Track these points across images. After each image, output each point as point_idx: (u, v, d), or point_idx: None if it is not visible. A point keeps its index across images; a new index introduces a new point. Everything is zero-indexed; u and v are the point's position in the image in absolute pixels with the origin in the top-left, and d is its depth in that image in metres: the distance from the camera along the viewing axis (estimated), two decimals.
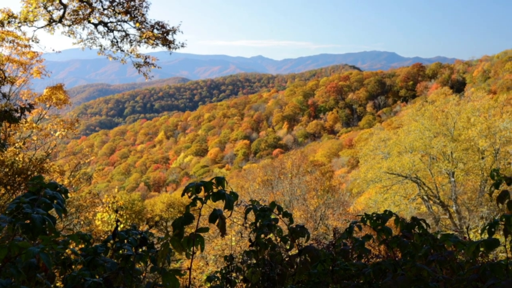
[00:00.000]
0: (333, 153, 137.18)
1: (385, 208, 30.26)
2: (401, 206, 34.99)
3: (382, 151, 38.44)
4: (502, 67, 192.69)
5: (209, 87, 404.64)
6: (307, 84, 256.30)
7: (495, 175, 3.71)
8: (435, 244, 3.61)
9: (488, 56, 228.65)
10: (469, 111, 37.04)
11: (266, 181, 37.01)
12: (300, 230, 3.91)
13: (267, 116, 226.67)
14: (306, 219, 29.07)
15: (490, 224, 3.37)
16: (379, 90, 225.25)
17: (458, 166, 34.16)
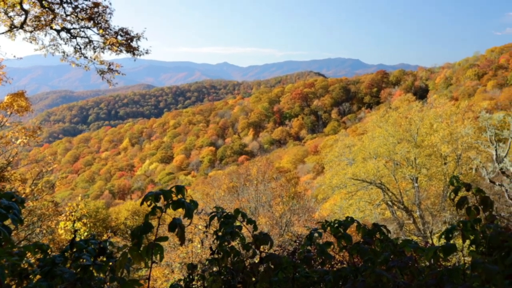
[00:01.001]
0: (298, 160, 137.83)
1: (351, 214, 30.61)
2: (366, 211, 35.23)
3: (347, 157, 38.71)
4: (463, 74, 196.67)
5: (175, 94, 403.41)
6: (273, 91, 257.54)
7: (455, 181, 3.75)
8: (395, 250, 3.63)
9: (450, 64, 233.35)
10: (431, 117, 37.57)
11: (232, 188, 36.92)
12: (264, 237, 3.88)
13: (232, 122, 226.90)
14: (272, 226, 29.07)
15: (447, 229, 3.40)
16: (344, 97, 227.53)
17: (422, 172, 34.60)
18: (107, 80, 18.33)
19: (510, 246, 2.88)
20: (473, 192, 3.64)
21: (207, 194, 36.94)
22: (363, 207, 35.37)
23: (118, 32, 17.06)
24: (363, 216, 35.24)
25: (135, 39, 17.28)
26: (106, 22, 16.87)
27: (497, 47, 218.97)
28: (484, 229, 3.31)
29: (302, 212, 32.46)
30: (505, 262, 2.82)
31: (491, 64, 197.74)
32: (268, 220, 29.58)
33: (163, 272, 24.65)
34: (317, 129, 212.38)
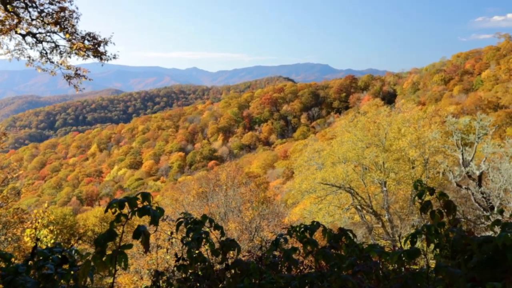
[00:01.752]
0: (268, 165, 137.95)
1: (320, 218, 30.65)
2: (335, 216, 35.34)
3: (317, 162, 38.80)
4: (430, 79, 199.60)
5: (143, 99, 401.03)
6: (242, 96, 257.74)
7: (419, 186, 3.79)
8: (361, 254, 3.65)
9: (417, 69, 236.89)
10: (399, 122, 37.93)
11: (201, 194, 36.80)
12: (230, 243, 3.87)
13: (202, 128, 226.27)
14: (241, 231, 29.02)
15: (412, 234, 3.44)
16: (313, 102, 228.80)
17: (390, 176, 34.87)
18: (74, 85, 18.10)
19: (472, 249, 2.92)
20: (436, 196, 3.68)
21: (176, 200, 36.75)
22: (332, 211, 35.48)
23: (85, 36, 16.87)
24: (333, 221, 35.36)
25: (102, 44, 17.11)
26: (72, 27, 16.67)
27: (462, 53, 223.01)
28: (448, 233, 3.35)
29: (271, 217, 32.48)
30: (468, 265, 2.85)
31: (457, 70, 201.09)
32: (238, 226, 29.53)
33: (132, 279, 24.44)
34: (286, 134, 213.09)
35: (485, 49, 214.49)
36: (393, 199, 35.23)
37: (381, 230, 34.85)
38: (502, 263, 2.85)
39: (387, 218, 34.24)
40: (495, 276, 2.82)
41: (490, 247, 2.89)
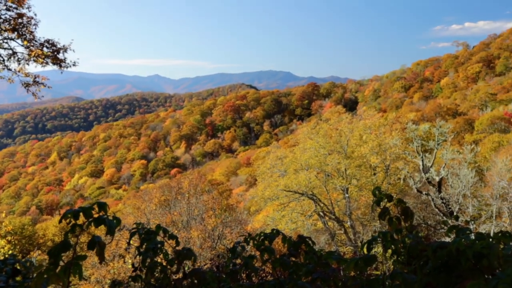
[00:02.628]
0: (231, 172, 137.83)
1: (283, 225, 30.71)
2: (298, 223, 35.43)
3: (279, 169, 38.88)
4: (391, 87, 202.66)
5: (105, 107, 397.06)
6: (205, 103, 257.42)
7: (377, 193, 3.82)
8: (320, 261, 3.66)
9: (378, 76, 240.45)
10: (361, 129, 38.29)
11: (164, 202, 36.51)
12: (186, 252, 3.84)
13: (164, 135, 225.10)
14: (204, 239, 28.91)
15: (368, 240, 3.46)
16: (276, 109, 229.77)
17: (352, 183, 35.13)
18: (33, 93, 17.81)
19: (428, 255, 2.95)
20: (394, 203, 3.72)
21: (138, 208, 36.40)
22: (295, 218, 35.56)
23: (43, 43, 16.63)
24: (296, 227, 35.46)
25: (61, 51, 16.88)
26: (31, 34, 16.42)
27: (422, 61, 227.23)
28: (405, 239, 3.38)
29: (234, 225, 32.44)
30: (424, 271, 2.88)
31: (417, 77, 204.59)
32: (201, 233, 29.39)
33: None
34: (249, 141, 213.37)
35: (444, 57, 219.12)
36: (355, 205, 35.52)
37: (343, 237, 35.07)
38: (457, 268, 2.90)
39: (349, 224, 34.48)
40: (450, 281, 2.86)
41: (445, 253, 2.93)
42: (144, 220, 33.05)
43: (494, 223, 27.24)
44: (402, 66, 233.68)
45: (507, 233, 3.28)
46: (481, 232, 3.19)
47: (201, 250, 28.01)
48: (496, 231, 26.06)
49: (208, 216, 33.40)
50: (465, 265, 2.85)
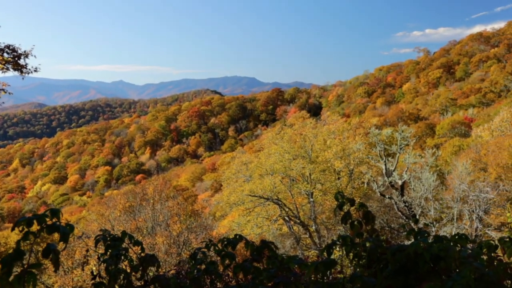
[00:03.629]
0: (196, 177, 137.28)
1: (249, 230, 30.68)
2: (263, 227, 35.48)
3: (244, 174, 38.89)
4: (354, 92, 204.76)
5: (68, 113, 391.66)
6: (170, 109, 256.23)
7: (339, 197, 3.87)
8: (282, 266, 3.69)
9: (342, 82, 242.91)
10: (325, 134, 38.58)
11: (128, 208, 36.21)
12: (150, 258, 3.83)
13: (129, 141, 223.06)
14: (169, 245, 28.74)
15: (328, 245, 3.51)
16: (241, 114, 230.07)
17: (317, 187, 35.33)
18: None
19: (387, 258, 3.01)
20: (356, 207, 3.77)
21: (102, 215, 35.99)
22: (261, 223, 35.59)
23: (4, 49, 16.38)
24: (261, 232, 35.49)
25: (23, 57, 16.64)
26: None
27: (384, 66, 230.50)
28: (365, 242, 3.43)
29: (200, 230, 32.34)
30: (384, 274, 2.94)
31: (379, 82, 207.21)
32: (166, 240, 29.21)
33: None
34: (214, 146, 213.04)
35: (406, 62, 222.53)
36: (320, 209, 35.72)
37: (308, 241, 35.20)
38: (415, 270, 2.95)
39: (314, 228, 34.63)
40: (409, 283, 2.91)
41: (403, 256, 2.99)
42: (108, 226, 32.70)
43: (455, 226, 27.71)
44: (365, 71, 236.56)
45: (463, 236, 3.36)
46: (439, 235, 3.27)
47: (166, 256, 27.84)
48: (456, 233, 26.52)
49: (173, 222, 33.24)
50: (423, 268, 2.91)
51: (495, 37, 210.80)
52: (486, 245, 3.50)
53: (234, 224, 37.08)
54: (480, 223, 26.92)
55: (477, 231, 26.69)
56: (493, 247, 3.52)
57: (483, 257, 3.27)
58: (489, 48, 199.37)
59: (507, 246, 3.64)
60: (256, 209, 35.68)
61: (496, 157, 35.45)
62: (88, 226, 35.77)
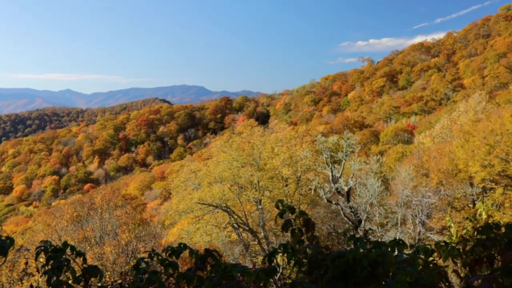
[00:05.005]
0: (145, 186, 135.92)
1: (198, 238, 30.51)
2: (213, 235, 35.40)
3: (193, 182, 38.73)
4: (301, 100, 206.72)
5: (14, 122, 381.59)
6: (118, 118, 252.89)
7: (280, 205, 3.89)
8: (225, 274, 3.68)
9: (289, 90, 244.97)
10: (273, 141, 38.79)
11: (76, 218, 35.49)
12: (93, 269, 3.76)
13: (77, 150, 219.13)
14: (118, 254, 28.30)
15: (270, 253, 3.52)
16: (190, 123, 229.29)
17: (265, 194, 35.47)
18: None
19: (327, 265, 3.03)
20: (296, 215, 3.79)
21: (49, 225, 35.14)
22: (210, 230, 35.50)
23: None
24: (210, 240, 35.39)
25: None
26: None
27: (330, 75, 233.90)
28: (306, 249, 3.45)
29: (148, 239, 31.95)
30: (324, 280, 2.96)
31: (325, 91, 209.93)
32: (114, 249, 28.75)
33: None
34: (163, 155, 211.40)
35: (351, 72, 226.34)
36: (268, 216, 35.82)
37: (257, 247, 35.26)
38: (354, 276, 2.99)
39: (263, 235, 34.72)
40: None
41: (343, 262, 3.02)
42: (55, 237, 32.01)
43: (399, 230, 28.20)
44: (312, 80, 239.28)
45: (400, 241, 3.42)
46: (378, 241, 3.32)
47: (115, 265, 27.40)
48: (401, 237, 27.00)
49: (122, 231, 32.77)
50: (361, 273, 2.95)
51: (435, 47, 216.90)
52: (423, 249, 3.59)
53: (183, 232, 36.86)
54: (422, 227, 27.48)
55: (420, 235, 27.24)
56: (429, 251, 3.61)
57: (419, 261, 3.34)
58: (429, 57, 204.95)
59: (442, 250, 3.74)
60: (205, 216, 35.58)
61: (437, 163, 36.28)
62: (34, 237, 34.87)
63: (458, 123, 50.13)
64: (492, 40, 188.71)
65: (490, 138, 31.56)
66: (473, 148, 32.18)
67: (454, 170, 34.63)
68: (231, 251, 35.96)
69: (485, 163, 30.99)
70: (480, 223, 7.77)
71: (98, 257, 27.74)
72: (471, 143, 32.75)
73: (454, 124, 51.91)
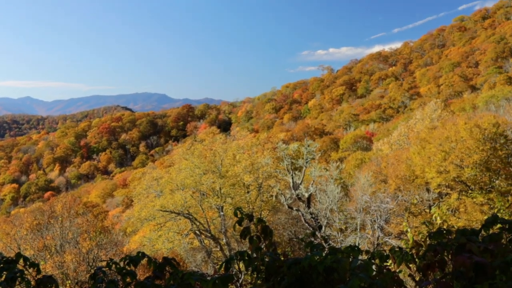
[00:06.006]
0: (107, 194, 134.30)
1: (160, 245, 30.25)
2: (175, 242, 35.19)
3: (155, 189, 38.45)
4: (262, 108, 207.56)
5: None
6: (79, 125, 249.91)
7: (238, 213, 3.90)
8: (183, 282, 3.66)
9: (250, 98, 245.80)
10: (234, 149, 38.80)
11: (36, 226, 34.79)
12: (47, 280, 3.69)
13: (37, 158, 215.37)
14: (79, 262, 27.88)
15: (226, 260, 3.52)
16: (152, 130, 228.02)
17: (227, 201, 35.40)
18: None
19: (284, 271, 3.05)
20: (254, 223, 3.80)
21: (8, 234, 34.33)
22: (172, 237, 35.27)
23: None
24: (172, 247, 35.17)
25: None
26: None
27: (291, 83, 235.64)
28: (263, 256, 3.47)
29: (110, 247, 31.56)
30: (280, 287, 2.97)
31: (286, 99, 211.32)
32: (75, 257, 28.31)
33: None
34: (125, 162, 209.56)
35: (311, 80, 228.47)
36: (230, 223, 35.76)
37: (219, 254, 35.17)
38: (309, 282, 3.02)
39: (225, 241, 34.65)
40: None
41: (299, 268, 3.04)
42: (14, 246, 31.35)
43: (358, 235, 28.44)
44: (273, 88, 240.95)
45: (356, 247, 3.46)
46: (334, 247, 3.36)
47: (75, 273, 26.99)
48: (360, 242, 27.30)
49: (83, 239, 32.27)
50: (317, 279, 2.98)
51: (392, 56, 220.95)
52: (378, 255, 3.64)
53: (145, 240, 36.53)
54: (381, 232, 27.76)
55: (379, 239, 27.52)
56: (384, 257, 3.66)
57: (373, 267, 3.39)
58: (387, 66, 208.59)
59: (396, 255, 3.80)
60: (168, 224, 35.35)
61: (395, 169, 36.75)
62: None
63: (414, 130, 50.91)
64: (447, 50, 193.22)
65: (445, 145, 32.14)
66: (429, 155, 32.71)
67: (411, 176, 35.13)
68: (193, 258, 35.78)
69: (440, 169, 31.53)
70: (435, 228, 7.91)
71: (58, 265, 27.28)
72: (427, 149, 33.29)
73: (411, 131, 52.70)
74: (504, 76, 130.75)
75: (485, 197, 30.47)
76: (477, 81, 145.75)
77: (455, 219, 29.93)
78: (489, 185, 31.45)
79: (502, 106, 56.29)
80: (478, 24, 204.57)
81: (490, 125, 31.57)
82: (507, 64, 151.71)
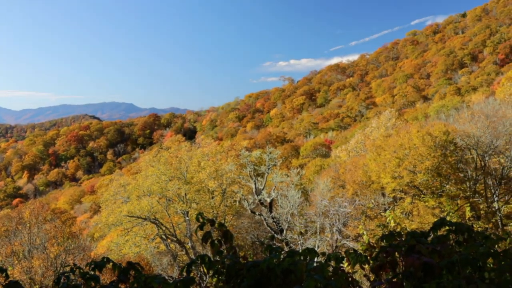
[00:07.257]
0: (75, 200, 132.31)
1: (127, 250, 29.90)
2: (141, 246, 34.92)
3: (122, 195, 38.11)
4: (226, 117, 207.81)
5: None
6: (48, 134, 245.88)
7: (200, 218, 3.89)
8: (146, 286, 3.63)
9: (215, 107, 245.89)
10: (199, 156, 38.71)
11: (3, 232, 34.05)
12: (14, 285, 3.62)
13: (5, 166, 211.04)
14: (47, 267, 27.36)
15: (187, 264, 3.51)
16: (119, 139, 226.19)
17: (192, 206, 35.27)
18: None
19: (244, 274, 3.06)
20: (216, 227, 3.80)
21: None
22: (139, 242, 35.00)
23: None
24: (139, 251, 34.88)
25: None
26: None
27: (254, 93, 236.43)
28: (224, 260, 3.47)
29: (78, 252, 31.06)
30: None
31: (249, 108, 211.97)
32: (43, 262, 27.78)
33: None
34: (93, 169, 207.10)
35: (273, 90, 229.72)
36: (195, 227, 35.49)
37: (185, 257, 34.98)
38: (268, 284, 3.03)
39: (190, 245, 34.51)
40: None
41: (258, 271, 3.05)
42: None
43: (318, 238, 28.59)
44: (236, 98, 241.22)
45: (312, 250, 3.49)
46: (292, 250, 3.38)
47: (43, 278, 26.47)
48: (319, 245, 27.44)
49: (51, 244, 31.68)
50: (275, 281, 2.99)
51: (350, 68, 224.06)
52: (334, 257, 3.68)
53: (113, 244, 36.15)
54: (340, 235, 27.98)
55: (337, 242, 27.73)
56: (340, 258, 3.70)
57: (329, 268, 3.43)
58: (345, 77, 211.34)
59: (351, 257, 3.84)
60: (134, 229, 35.06)
61: (353, 175, 37.14)
62: None
63: (371, 138, 51.54)
64: (400, 62, 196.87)
65: (399, 152, 32.63)
66: (384, 161, 33.16)
67: (367, 182, 35.55)
68: (160, 262, 35.50)
69: (395, 174, 31.99)
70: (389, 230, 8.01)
71: (26, 271, 26.73)
72: (383, 156, 33.74)
73: (367, 139, 53.32)
74: (454, 87, 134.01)
75: (437, 201, 31.03)
76: (429, 91, 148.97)
77: (408, 222, 30.39)
78: (440, 190, 32.03)
79: (452, 115, 57.40)
80: (429, 38, 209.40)
81: (441, 133, 32.19)
82: (456, 76, 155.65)
